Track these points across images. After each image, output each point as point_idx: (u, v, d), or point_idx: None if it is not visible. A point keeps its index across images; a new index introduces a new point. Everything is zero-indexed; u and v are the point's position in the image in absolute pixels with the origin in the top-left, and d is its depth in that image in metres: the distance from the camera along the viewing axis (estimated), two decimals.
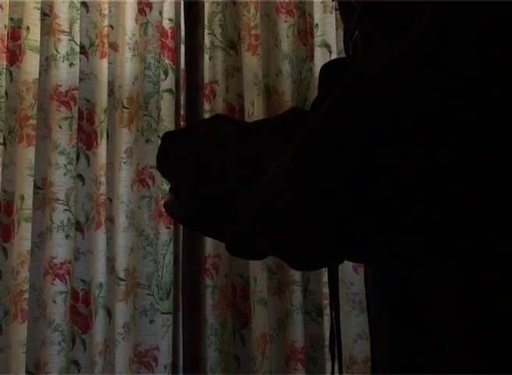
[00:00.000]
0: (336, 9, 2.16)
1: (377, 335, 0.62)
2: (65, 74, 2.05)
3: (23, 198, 1.98)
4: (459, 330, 0.49)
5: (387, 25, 0.57)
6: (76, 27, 2.07)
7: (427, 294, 0.52)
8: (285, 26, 2.24)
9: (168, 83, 2.11)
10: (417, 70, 0.46)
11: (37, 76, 2.03)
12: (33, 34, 2.05)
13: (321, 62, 2.14)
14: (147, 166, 2.08)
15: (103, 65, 2.09)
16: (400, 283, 0.55)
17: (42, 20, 2.06)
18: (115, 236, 2.03)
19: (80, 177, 2.03)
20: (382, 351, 0.59)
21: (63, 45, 2.06)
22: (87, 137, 2.05)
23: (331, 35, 2.25)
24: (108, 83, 2.08)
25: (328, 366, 2.03)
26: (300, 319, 2.07)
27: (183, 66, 2.15)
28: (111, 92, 2.09)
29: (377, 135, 0.47)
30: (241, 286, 2.06)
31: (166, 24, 2.15)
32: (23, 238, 1.96)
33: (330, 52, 2.25)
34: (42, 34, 2.05)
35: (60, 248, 1.96)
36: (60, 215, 1.98)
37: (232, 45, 2.19)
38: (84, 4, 2.11)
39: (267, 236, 0.54)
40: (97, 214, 2.01)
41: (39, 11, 2.06)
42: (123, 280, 2.02)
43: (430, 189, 0.47)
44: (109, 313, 1.99)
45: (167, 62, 2.12)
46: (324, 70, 0.65)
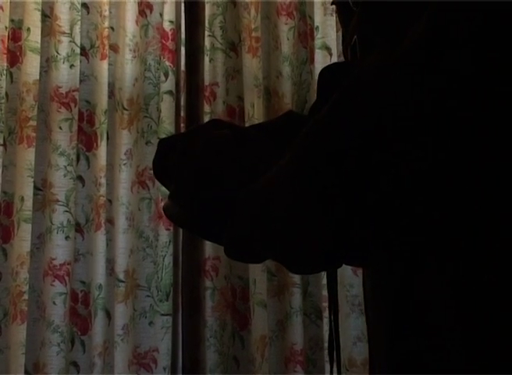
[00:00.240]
0: (336, 12, 2.16)
1: (375, 336, 0.62)
2: (65, 75, 2.06)
3: (22, 199, 1.97)
4: (459, 330, 0.49)
5: (385, 28, 0.57)
6: (77, 29, 2.08)
7: (427, 295, 0.52)
8: (285, 29, 2.24)
9: (168, 85, 2.11)
10: (417, 70, 0.47)
11: (38, 77, 2.03)
12: (34, 36, 2.05)
13: (321, 65, 2.14)
14: (147, 167, 2.08)
15: (103, 66, 2.09)
16: (400, 284, 0.55)
17: (43, 21, 2.06)
18: (115, 237, 2.03)
19: (80, 179, 2.03)
20: (381, 351, 0.59)
21: (64, 47, 2.07)
22: (87, 139, 2.06)
23: (331, 37, 2.24)
24: (109, 84, 2.09)
25: (328, 368, 2.03)
26: (300, 321, 2.07)
27: (183, 67, 2.14)
28: (111, 94, 2.10)
29: (376, 137, 0.47)
30: (241, 288, 2.06)
31: (167, 26, 2.15)
32: (23, 239, 1.96)
33: (330, 55, 2.25)
34: (43, 36, 2.05)
35: (60, 249, 1.96)
36: (60, 216, 1.98)
37: (233, 47, 2.19)
38: (85, 5, 2.11)
39: (265, 240, 0.54)
40: (96, 215, 2.01)
41: (39, 12, 2.06)
42: (123, 281, 2.01)
43: (429, 189, 0.47)
44: (109, 315, 1.99)
45: (167, 63, 2.12)
46: (323, 74, 0.66)
